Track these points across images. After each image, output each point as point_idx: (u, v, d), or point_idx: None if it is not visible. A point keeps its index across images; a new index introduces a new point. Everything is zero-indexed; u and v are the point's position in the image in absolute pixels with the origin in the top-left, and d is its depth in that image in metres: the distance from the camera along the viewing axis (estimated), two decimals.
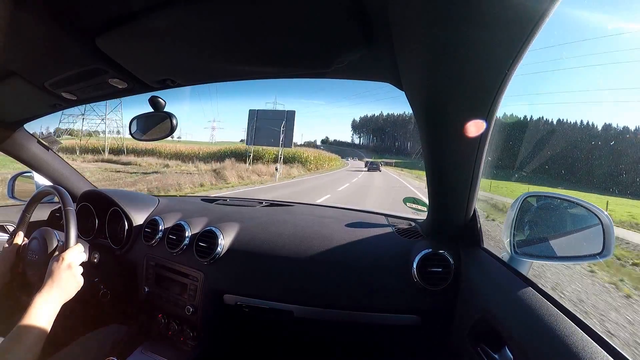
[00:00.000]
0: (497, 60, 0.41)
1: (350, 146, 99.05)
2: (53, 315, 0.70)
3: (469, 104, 0.51)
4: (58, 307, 0.72)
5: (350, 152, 67.29)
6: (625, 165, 6.75)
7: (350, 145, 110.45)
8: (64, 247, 0.82)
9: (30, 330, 0.64)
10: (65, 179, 1.42)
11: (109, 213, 1.28)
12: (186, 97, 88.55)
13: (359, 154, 51.30)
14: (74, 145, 28.39)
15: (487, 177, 0.85)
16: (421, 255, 0.88)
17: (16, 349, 0.61)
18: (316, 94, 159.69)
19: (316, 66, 0.68)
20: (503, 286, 0.67)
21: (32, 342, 0.63)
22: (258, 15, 0.52)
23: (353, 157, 49.78)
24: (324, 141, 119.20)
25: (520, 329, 0.55)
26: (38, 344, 0.65)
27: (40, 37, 0.63)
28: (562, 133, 16.34)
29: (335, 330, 1.03)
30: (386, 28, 0.49)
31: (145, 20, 0.56)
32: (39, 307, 0.69)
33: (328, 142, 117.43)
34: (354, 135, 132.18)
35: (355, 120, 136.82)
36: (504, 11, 0.34)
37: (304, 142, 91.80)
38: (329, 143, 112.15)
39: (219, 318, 1.08)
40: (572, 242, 0.76)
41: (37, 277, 0.90)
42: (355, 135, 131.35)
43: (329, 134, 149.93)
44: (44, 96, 0.93)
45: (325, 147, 79.80)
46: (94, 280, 1.06)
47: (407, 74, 0.57)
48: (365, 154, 79.05)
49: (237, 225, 1.11)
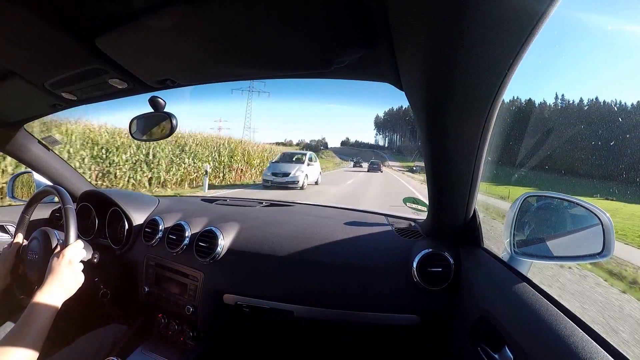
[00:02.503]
0: (497, 60, 0.41)
1: (373, 148, 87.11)
2: (54, 312, 0.70)
3: (469, 103, 0.51)
4: (59, 304, 0.72)
5: (364, 154, 59.47)
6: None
7: (373, 146, 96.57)
8: (64, 243, 0.83)
9: (31, 327, 0.64)
10: (65, 179, 1.42)
11: (109, 213, 1.28)
12: (186, 95, 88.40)
13: (364, 157, 48.49)
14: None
15: (486, 180, 0.82)
16: (421, 255, 0.88)
17: (17, 347, 0.61)
18: (340, 97, 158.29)
19: (316, 66, 0.68)
20: (503, 286, 0.67)
21: (33, 339, 0.63)
22: (258, 15, 0.52)
23: (353, 159, 48.85)
24: (343, 143, 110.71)
25: (520, 329, 0.55)
26: (39, 341, 0.64)
27: (40, 37, 0.63)
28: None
29: (335, 330, 1.04)
30: (386, 28, 0.49)
31: (145, 20, 0.56)
32: (40, 303, 0.69)
33: (348, 143, 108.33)
34: (378, 135, 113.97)
35: (378, 116, 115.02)
36: (504, 11, 0.34)
37: (299, 142, 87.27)
38: (349, 145, 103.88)
39: (219, 318, 1.08)
40: (572, 242, 0.76)
41: (37, 277, 0.90)
42: (380, 134, 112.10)
43: (355, 136, 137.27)
44: (44, 96, 0.93)
45: (336, 150, 76.03)
46: (94, 280, 1.06)
47: (407, 74, 0.57)
48: (389, 157, 70.54)
49: (237, 225, 1.11)
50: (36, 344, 0.64)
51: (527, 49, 0.39)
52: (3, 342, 0.61)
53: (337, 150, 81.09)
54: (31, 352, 0.62)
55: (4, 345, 0.60)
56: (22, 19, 0.57)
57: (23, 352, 0.61)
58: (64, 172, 1.41)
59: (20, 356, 0.60)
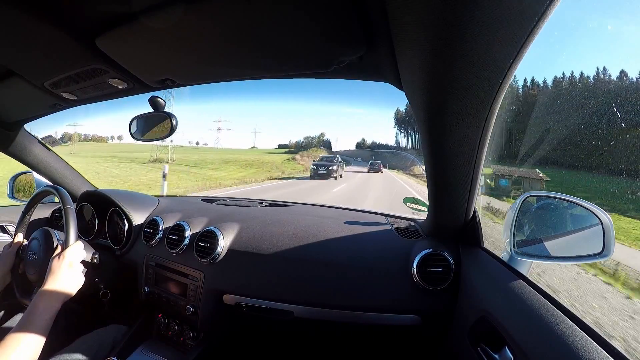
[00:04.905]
0: (497, 59, 0.41)
1: (393, 149, 78.03)
2: (54, 313, 0.70)
3: (469, 103, 0.51)
4: (59, 306, 0.72)
5: (379, 157, 52.77)
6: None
7: (393, 148, 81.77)
8: (64, 245, 0.83)
9: (31, 329, 0.64)
10: (66, 179, 1.42)
11: (109, 213, 1.28)
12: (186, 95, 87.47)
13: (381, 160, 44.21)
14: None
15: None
16: (421, 255, 0.88)
17: (18, 348, 0.61)
18: (358, 101, 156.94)
19: (316, 66, 0.68)
20: (503, 286, 0.67)
21: (33, 340, 0.63)
22: (258, 15, 0.52)
23: (356, 159, 47.53)
24: (359, 145, 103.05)
25: (520, 329, 0.55)
26: (39, 342, 0.64)
27: (40, 37, 0.63)
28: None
29: (335, 330, 1.03)
30: (386, 28, 0.49)
31: (145, 20, 0.56)
32: (39, 306, 0.69)
33: (364, 145, 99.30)
34: (399, 135, 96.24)
35: (399, 110, 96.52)
36: (504, 10, 0.34)
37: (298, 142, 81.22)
38: (366, 147, 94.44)
39: (219, 318, 1.08)
40: (572, 242, 0.76)
41: (36, 278, 0.90)
42: (402, 133, 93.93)
43: (374, 139, 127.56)
44: (44, 96, 0.93)
45: (345, 154, 71.90)
46: (94, 280, 1.06)
47: (407, 74, 0.57)
48: (418, 158, 62.73)
49: (237, 225, 1.11)
50: (37, 344, 0.64)
51: (527, 48, 0.39)
52: (4, 342, 0.61)
53: (349, 154, 77.14)
54: (32, 353, 0.63)
55: (5, 346, 0.60)
56: (22, 19, 0.57)
57: (24, 353, 0.61)
58: (64, 172, 1.41)
59: (21, 357, 0.61)
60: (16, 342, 0.61)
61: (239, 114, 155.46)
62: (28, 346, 0.62)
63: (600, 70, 20.59)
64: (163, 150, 33.31)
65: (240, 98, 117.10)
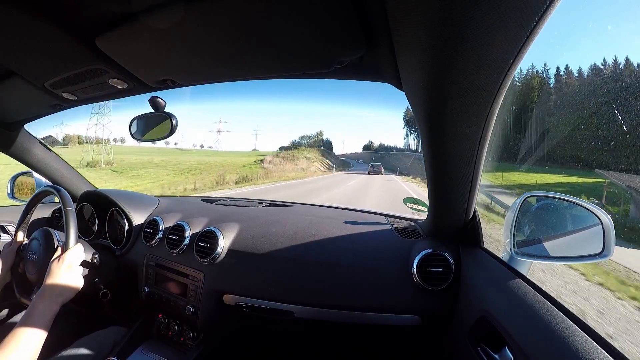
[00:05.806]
0: (497, 60, 0.41)
1: (402, 151, 74.84)
2: (52, 315, 0.70)
3: (469, 103, 0.51)
4: (57, 308, 0.72)
5: (386, 159, 50.39)
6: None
7: (403, 150, 78.42)
8: (64, 247, 0.83)
9: (29, 330, 0.64)
10: (66, 179, 1.42)
11: (109, 213, 1.28)
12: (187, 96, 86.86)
13: (385, 163, 42.48)
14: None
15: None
16: (421, 256, 0.88)
17: (15, 350, 0.61)
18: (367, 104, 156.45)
19: (316, 66, 0.68)
20: (503, 286, 0.67)
21: (31, 342, 0.63)
22: (258, 15, 0.52)
23: (357, 161, 47.64)
24: (366, 147, 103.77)
25: (520, 329, 0.55)
26: (37, 344, 0.65)
27: (40, 37, 0.63)
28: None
29: (335, 330, 1.03)
30: (386, 29, 0.49)
31: (145, 20, 0.56)
32: (38, 307, 0.69)
33: (372, 148, 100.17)
34: (409, 135, 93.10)
35: (409, 109, 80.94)
36: (504, 10, 0.34)
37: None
38: (372, 149, 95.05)
39: (219, 318, 1.08)
40: (572, 242, 0.76)
41: (36, 278, 0.90)
42: (412, 134, 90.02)
43: (382, 141, 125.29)
44: (44, 96, 0.93)
45: (349, 157, 69.66)
46: (94, 280, 1.06)
47: (407, 74, 0.57)
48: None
49: (237, 225, 1.11)
50: (35, 345, 0.64)
51: (527, 48, 0.39)
52: (3, 343, 0.61)
53: (353, 156, 75.54)
54: (31, 353, 0.63)
55: (4, 346, 0.60)
56: (22, 19, 0.57)
57: (23, 353, 0.61)
58: (64, 172, 1.41)
59: (19, 357, 0.61)
60: (15, 343, 0.61)
61: (241, 116, 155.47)
62: (26, 347, 0.62)
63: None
64: (98, 151, 30.70)
65: (242, 99, 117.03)
